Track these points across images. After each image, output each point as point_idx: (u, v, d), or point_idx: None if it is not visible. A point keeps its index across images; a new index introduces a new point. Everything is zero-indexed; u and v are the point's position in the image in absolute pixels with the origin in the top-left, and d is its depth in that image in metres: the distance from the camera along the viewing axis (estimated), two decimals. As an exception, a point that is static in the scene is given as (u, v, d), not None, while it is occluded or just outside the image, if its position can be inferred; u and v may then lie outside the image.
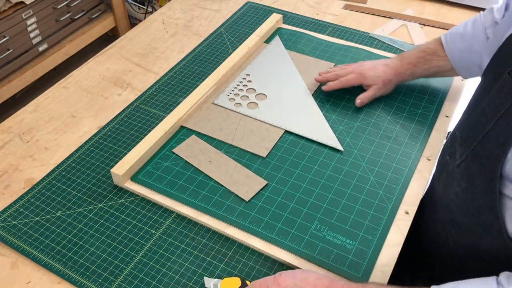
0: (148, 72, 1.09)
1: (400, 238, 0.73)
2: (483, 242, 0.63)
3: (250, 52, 1.09)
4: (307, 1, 1.32)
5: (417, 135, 0.89)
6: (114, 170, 0.81)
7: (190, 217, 0.77)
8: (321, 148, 0.87)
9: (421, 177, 0.81)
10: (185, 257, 0.72)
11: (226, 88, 1.00)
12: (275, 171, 0.83)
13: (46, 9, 2.03)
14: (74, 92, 1.04)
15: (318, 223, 0.74)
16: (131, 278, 0.69)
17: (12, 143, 0.92)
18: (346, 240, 0.72)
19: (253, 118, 0.93)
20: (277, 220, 0.75)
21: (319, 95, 0.98)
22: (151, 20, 1.27)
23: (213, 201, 0.78)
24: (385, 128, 0.90)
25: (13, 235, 0.76)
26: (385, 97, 0.96)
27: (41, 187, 0.83)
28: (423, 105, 0.95)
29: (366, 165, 0.83)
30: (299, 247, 0.71)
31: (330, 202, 0.77)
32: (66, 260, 0.72)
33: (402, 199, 0.78)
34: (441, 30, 1.18)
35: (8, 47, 1.92)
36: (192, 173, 0.83)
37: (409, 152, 0.85)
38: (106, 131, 0.93)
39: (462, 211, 0.66)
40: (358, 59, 1.06)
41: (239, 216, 0.76)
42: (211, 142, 0.89)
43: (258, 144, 0.88)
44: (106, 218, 0.77)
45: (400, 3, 1.29)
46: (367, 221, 0.74)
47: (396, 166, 0.83)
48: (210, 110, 0.95)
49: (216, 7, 1.31)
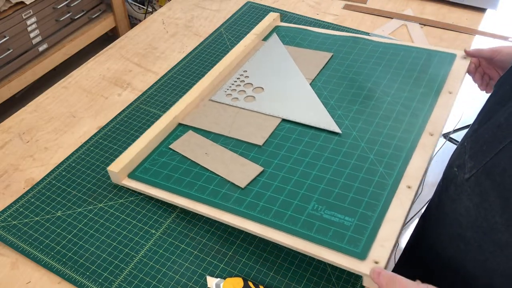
0: (148, 72, 1.09)
1: (402, 212, 0.70)
2: (496, 261, 0.60)
3: (247, 50, 1.09)
4: (307, 1, 1.32)
5: (419, 113, 0.87)
6: (111, 167, 0.81)
7: (186, 207, 0.76)
8: (319, 133, 0.86)
9: (423, 152, 0.79)
10: (185, 257, 0.72)
11: (223, 85, 1.00)
12: (272, 157, 0.82)
13: (46, 9, 2.03)
14: (74, 92, 1.04)
15: (316, 203, 0.73)
16: (131, 278, 0.69)
17: (12, 143, 0.92)
18: (344, 218, 0.70)
19: (250, 110, 0.93)
20: (273, 204, 0.74)
21: (316, 84, 0.98)
22: (151, 20, 1.27)
23: (209, 190, 0.78)
24: (385, 109, 0.89)
25: (13, 235, 0.76)
26: (384, 80, 0.96)
27: (41, 187, 0.83)
28: (425, 84, 0.93)
29: (366, 145, 0.82)
30: (295, 227, 0.70)
31: (328, 183, 0.76)
32: (66, 260, 0.72)
33: (403, 174, 0.76)
34: (441, 30, 1.18)
35: (8, 47, 1.92)
36: (188, 166, 0.83)
37: (411, 129, 0.84)
38: (106, 131, 0.93)
39: (473, 227, 0.63)
40: (356, 47, 1.07)
41: (234, 203, 0.75)
42: (208, 136, 0.89)
43: (255, 133, 0.87)
44: (106, 218, 0.77)
45: (400, 3, 1.30)
46: (366, 198, 0.73)
47: (397, 143, 0.81)
48: (207, 107, 0.95)
49: (216, 7, 1.31)
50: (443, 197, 0.73)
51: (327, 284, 0.68)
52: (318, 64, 1.03)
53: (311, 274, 0.69)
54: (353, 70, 1.00)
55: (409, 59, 1.01)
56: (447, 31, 1.18)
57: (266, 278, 0.69)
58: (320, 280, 0.68)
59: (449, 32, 1.18)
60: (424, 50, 1.03)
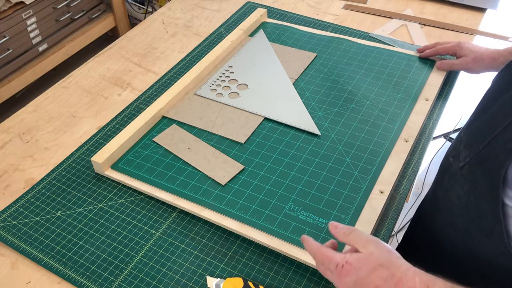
0: (148, 72, 1.09)
1: (373, 216, 0.74)
2: (483, 246, 0.63)
3: (234, 45, 1.10)
4: (307, 1, 1.32)
5: (396, 118, 0.90)
6: (94, 158, 0.82)
7: (167, 201, 0.78)
8: (299, 134, 0.88)
9: (397, 158, 0.82)
10: (185, 257, 0.72)
11: (208, 79, 1.02)
12: (253, 156, 0.84)
13: (46, 9, 2.03)
14: (74, 92, 1.04)
15: (292, 203, 0.76)
16: (131, 278, 0.69)
17: (12, 143, 0.92)
18: (319, 219, 0.74)
19: (233, 107, 0.94)
20: (252, 202, 0.77)
21: (299, 84, 1.00)
22: (151, 20, 1.27)
23: (190, 186, 0.80)
24: (363, 113, 0.92)
25: (13, 235, 0.76)
26: (365, 84, 0.98)
27: (41, 187, 0.83)
28: (403, 90, 0.97)
29: (343, 148, 0.85)
30: (272, 226, 0.73)
31: (305, 184, 0.79)
32: (66, 260, 0.72)
33: (377, 179, 0.79)
34: (441, 30, 1.18)
35: (8, 47, 1.92)
36: (171, 160, 0.84)
37: (387, 134, 0.87)
38: (106, 131, 0.93)
39: (463, 215, 0.66)
40: (340, 49, 1.09)
41: (215, 199, 0.77)
42: (191, 130, 0.90)
43: (237, 131, 0.89)
44: (106, 218, 0.77)
45: (400, 3, 1.30)
46: (340, 201, 0.76)
47: (373, 148, 0.84)
48: (192, 101, 0.97)
49: (216, 7, 1.31)
50: (437, 187, 0.76)
51: (327, 284, 0.68)
52: (302, 63, 1.05)
53: (311, 274, 0.69)
54: (336, 71, 1.02)
55: (390, 63, 1.04)
56: (447, 31, 1.18)
57: (266, 278, 0.69)
58: (320, 280, 0.68)
59: (449, 32, 1.18)
60: (405, 55, 1.06)
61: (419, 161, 0.85)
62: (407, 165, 0.84)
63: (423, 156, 0.86)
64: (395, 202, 0.79)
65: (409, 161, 0.85)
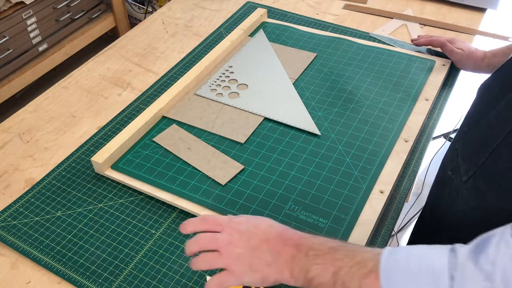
0: (148, 72, 1.09)
1: (373, 216, 0.74)
2: None
3: (234, 45, 1.10)
4: (307, 1, 1.32)
5: (396, 118, 0.90)
6: (94, 158, 0.82)
7: (167, 201, 0.78)
8: (299, 134, 0.88)
9: (397, 158, 0.83)
10: (185, 257, 0.72)
11: (208, 79, 1.02)
12: (253, 156, 0.85)
13: (46, 9, 2.03)
14: (74, 92, 1.04)
15: (292, 203, 0.76)
16: (131, 278, 0.69)
17: (12, 143, 0.92)
18: (319, 219, 0.74)
19: (233, 107, 0.94)
20: (252, 202, 0.77)
21: (299, 84, 1.00)
22: (151, 20, 1.27)
23: (190, 186, 0.80)
24: (363, 113, 0.92)
25: (13, 235, 0.76)
26: (364, 84, 0.98)
27: (41, 187, 0.83)
28: (403, 90, 0.97)
29: (343, 148, 0.85)
30: None
31: (305, 184, 0.79)
32: (66, 260, 0.72)
33: (377, 179, 0.79)
34: (441, 30, 1.18)
35: (8, 47, 1.92)
36: (171, 160, 0.85)
37: (387, 134, 0.87)
38: (106, 131, 0.93)
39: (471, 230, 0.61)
40: (340, 49, 1.09)
41: (215, 199, 0.77)
42: (191, 130, 0.90)
43: (237, 131, 0.89)
44: (106, 218, 0.77)
45: (400, 3, 1.30)
46: (340, 201, 0.76)
47: (373, 148, 0.84)
48: (192, 101, 0.97)
49: (216, 7, 1.31)
50: (438, 201, 0.73)
51: (327, 284, 0.68)
52: (302, 63, 1.05)
53: (311, 274, 0.69)
54: (336, 71, 1.02)
55: (390, 63, 1.04)
56: (447, 31, 1.18)
57: (266, 278, 0.69)
58: (320, 280, 0.68)
59: (449, 32, 1.18)
60: (405, 55, 1.06)
61: (419, 161, 0.85)
62: (407, 165, 0.84)
63: (423, 156, 0.86)
64: (395, 202, 0.79)
65: (409, 161, 0.85)
